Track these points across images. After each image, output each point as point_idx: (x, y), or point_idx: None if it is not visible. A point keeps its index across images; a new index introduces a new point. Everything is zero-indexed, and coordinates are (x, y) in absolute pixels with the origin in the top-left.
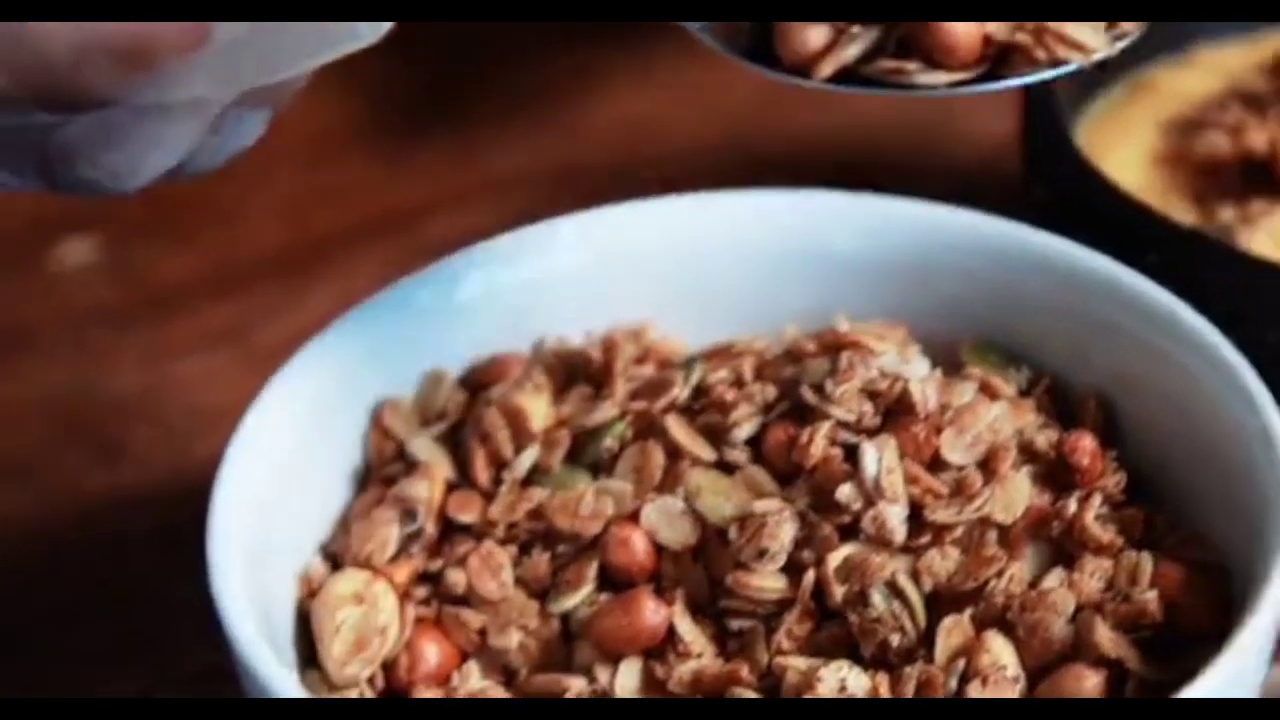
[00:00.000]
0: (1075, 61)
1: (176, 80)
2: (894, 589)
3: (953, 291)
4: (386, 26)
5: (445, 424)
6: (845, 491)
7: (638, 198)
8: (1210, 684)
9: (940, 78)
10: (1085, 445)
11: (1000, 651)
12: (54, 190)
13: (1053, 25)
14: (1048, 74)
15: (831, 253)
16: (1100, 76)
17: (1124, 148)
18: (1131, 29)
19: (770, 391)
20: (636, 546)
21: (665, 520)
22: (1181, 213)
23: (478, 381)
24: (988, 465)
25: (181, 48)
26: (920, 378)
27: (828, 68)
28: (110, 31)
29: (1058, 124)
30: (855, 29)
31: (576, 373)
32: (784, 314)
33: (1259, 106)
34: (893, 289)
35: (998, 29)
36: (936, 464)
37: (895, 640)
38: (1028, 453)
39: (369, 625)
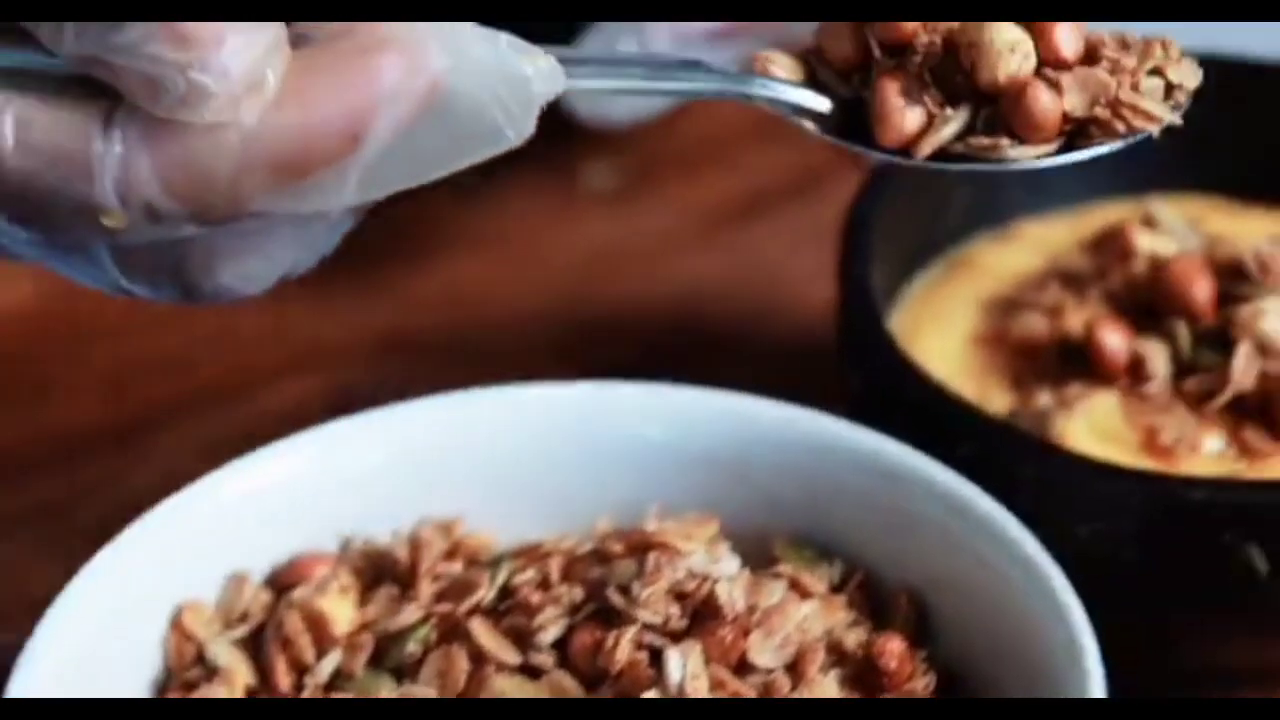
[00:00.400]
0: (1149, 129)
1: (328, 188)
2: None
3: (767, 484)
4: (530, 128)
5: (248, 627)
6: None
7: (464, 368)
8: None
9: (1028, 152)
10: (893, 648)
11: None
12: (188, 300)
13: (1126, 97)
14: (1120, 143)
15: (642, 445)
16: (922, 258)
17: (943, 329)
18: (1184, 99)
19: (578, 593)
20: None
21: None
22: (999, 397)
23: (282, 582)
24: (796, 668)
25: (336, 157)
26: (728, 578)
27: (927, 147)
28: (270, 144)
29: (871, 313)
30: (947, 110)
31: (384, 572)
32: (597, 506)
33: (1078, 286)
34: (707, 481)
35: (1076, 105)
36: (744, 666)
37: None
38: (837, 653)
39: None
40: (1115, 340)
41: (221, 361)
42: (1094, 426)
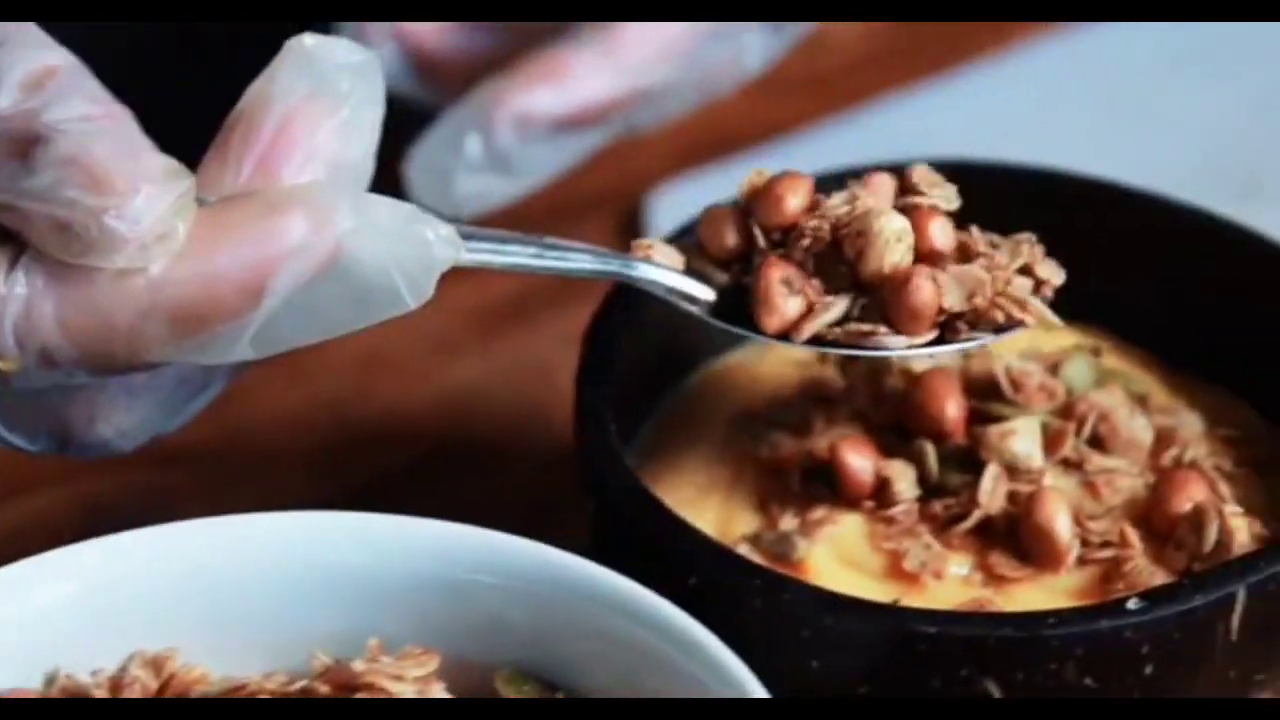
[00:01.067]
0: (1028, 322)
1: (226, 342)
2: None
3: (490, 617)
4: (429, 293)
5: None
6: None
7: (223, 480)
8: None
9: (902, 341)
10: None
11: None
12: (62, 452)
13: (1008, 292)
14: (994, 337)
15: (360, 575)
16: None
17: (693, 447)
18: (1049, 293)
19: None
20: None
21: None
22: (746, 519)
23: None
24: None
25: (237, 310)
26: None
27: (806, 333)
28: (173, 294)
29: (603, 439)
30: (826, 298)
31: None
32: (314, 637)
33: (828, 403)
34: (427, 612)
35: (955, 299)
36: None
37: None
38: None
39: None
40: (859, 461)
41: None
42: (837, 552)
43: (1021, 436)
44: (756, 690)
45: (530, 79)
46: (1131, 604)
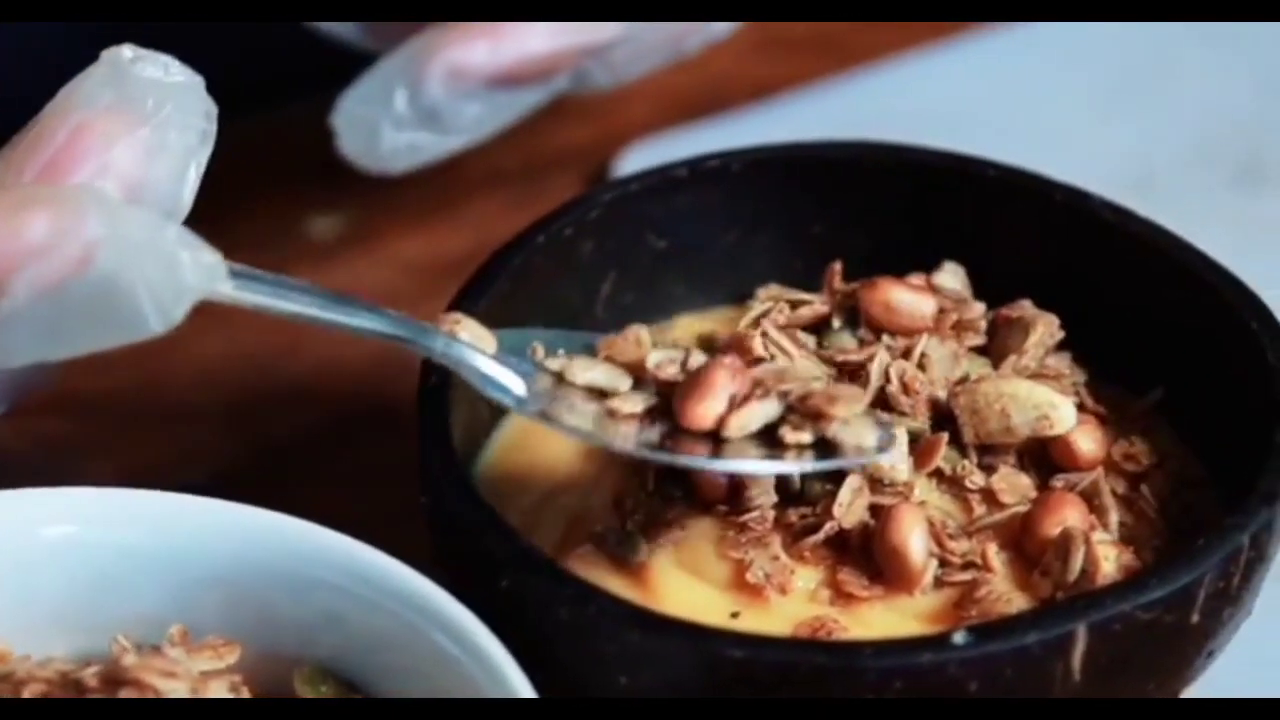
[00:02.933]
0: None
1: None
2: None
3: (292, 612)
4: (178, 319)
5: None
6: None
7: (135, 429)
8: None
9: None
10: None
11: None
12: None
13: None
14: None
15: (172, 559)
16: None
17: (560, 438)
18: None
19: None
20: None
21: None
22: (598, 516)
23: None
24: None
25: None
26: None
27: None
28: None
29: (442, 433)
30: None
31: None
32: (124, 620)
33: None
34: (232, 602)
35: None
36: None
37: None
38: None
39: None
40: None
41: None
42: (681, 558)
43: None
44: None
45: (467, 32)
46: (958, 637)
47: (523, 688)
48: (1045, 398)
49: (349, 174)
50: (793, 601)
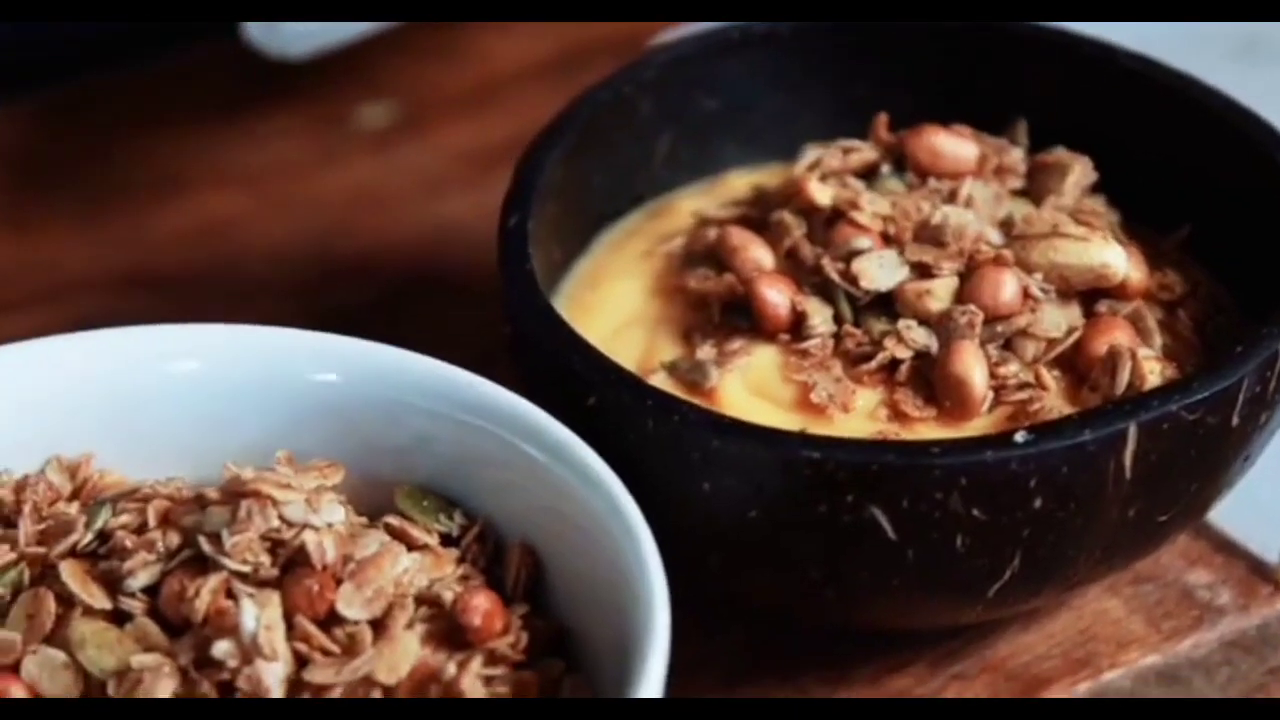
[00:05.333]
0: None
1: None
2: None
3: (389, 434)
4: None
5: None
6: (222, 648)
7: (204, 304)
8: None
9: None
10: (476, 604)
11: None
12: None
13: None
14: None
15: (273, 389)
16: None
17: (626, 277)
18: None
19: (174, 539)
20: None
21: (47, 672)
22: (669, 349)
23: None
24: (382, 621)
25: None
26: (320, 527)
27: None
28: None
29: (519, 257)
30: None
31: None
32: (228, 449)
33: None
34: (333, 428)
35: None
36: (334, 619)
37: None
38: (435, 606)
39: None
40: (776, 295)
41: None
42: (748, 381)
43: (937, 298)
44: (624, 500)
45: None
46: (1018, 436)
47: (618, 490)
48: (1097, 256)
49: (393, 67)
50: (854, 420)
